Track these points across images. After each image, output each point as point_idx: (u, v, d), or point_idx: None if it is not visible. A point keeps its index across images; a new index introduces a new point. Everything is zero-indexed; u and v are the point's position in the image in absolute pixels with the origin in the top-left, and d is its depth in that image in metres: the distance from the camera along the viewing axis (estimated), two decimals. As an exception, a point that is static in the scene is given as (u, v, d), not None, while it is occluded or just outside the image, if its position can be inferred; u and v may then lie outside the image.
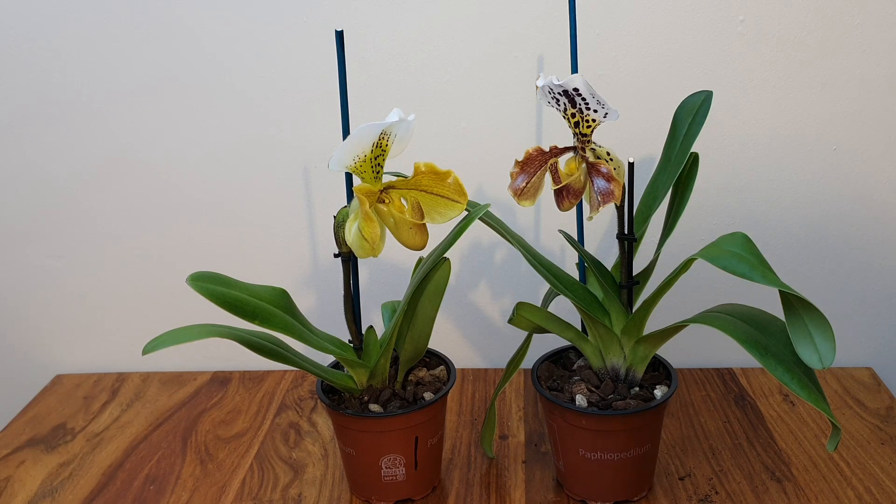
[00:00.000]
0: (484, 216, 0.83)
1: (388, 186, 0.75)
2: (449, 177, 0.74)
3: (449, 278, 0.82)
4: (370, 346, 0.85)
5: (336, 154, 0.70)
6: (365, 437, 0.83)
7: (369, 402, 0.84)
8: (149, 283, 1.15)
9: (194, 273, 0.77)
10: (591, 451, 0.82)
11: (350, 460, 0.86)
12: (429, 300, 0.83)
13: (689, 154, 0.82)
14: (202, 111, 1.07)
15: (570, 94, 0.74)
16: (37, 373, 1.19)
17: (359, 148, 0.71)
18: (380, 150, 0.72)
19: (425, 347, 0.86)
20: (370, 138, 0.70)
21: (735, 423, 0.98)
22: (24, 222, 1.13)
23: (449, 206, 0.76)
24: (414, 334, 0.85)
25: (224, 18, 1.03)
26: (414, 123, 0.73)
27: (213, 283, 0.77)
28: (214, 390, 1.12)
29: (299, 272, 1.13)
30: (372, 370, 0.85)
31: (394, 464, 0.83)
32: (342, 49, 0.78)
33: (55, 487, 0.92)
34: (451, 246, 0.79)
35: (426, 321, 0.84)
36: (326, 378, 0.84)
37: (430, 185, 0.75)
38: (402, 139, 0.73)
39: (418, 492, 0.86)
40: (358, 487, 0.87)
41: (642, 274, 0.86)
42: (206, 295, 0.75)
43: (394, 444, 0.83)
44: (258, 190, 1.10)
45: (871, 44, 1.00)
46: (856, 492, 0.85)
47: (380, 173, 0.74)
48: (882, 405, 1.01)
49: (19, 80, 1.07)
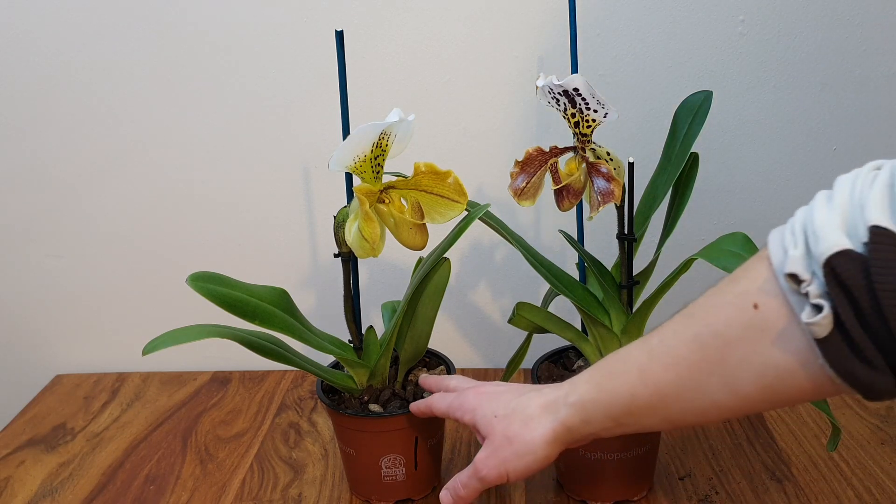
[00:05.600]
0: (484, 216, 0.83)
1: (389, 186, 0.75)
2: (449, 177, 0.74)
3: (449, 278, 0.82)
4: (370, 346, 0.85)
5: (336, 154, 0.70)
6: (365, 437, 0.83)
7: (369, 401, 0.84)
8: (149, 282, 1.15)
9: (194, 273, 0.77)
10: (591, 451, 0.81)
11: (350, 460, 0.86)
12: (429, 300, 0.83)
13: (689, 154, 0.82)
14: (203, 111, 1.07)
15: (570, 94, 0.74)
16: (37, 373, 1.18)
17: (359, 148, 0.71)
18: (380, 151, 0.72)
19: (425, 347, 0.86)
20: (370, 138, 0.70)
21: (735, 423, 0.98)
22: (24, 222, 1.13)
23: (449, 206, 0.76)
24: (414, 334, 0.85)
25: (224, 18, 1.03)
26: (414, 123, 0.73)
27: (213, 283, 0.77)
28: (214, 390, 1.12)
29: (300, 272, 1.13)
30: (372, 370, 0.85)
31: (394, 464, 0.83)
32: (342, 49, 0.78)
33: (55, 487, 0.92)
34: (450, 246, 0.79)
35: (426, 321, 0.84)
36: (326, 378, 0.84)
37: (431, 185, 0.75)
38: (402, 139, 0.73)
39: (418, 492, 0.86)
40: (358, 487, 0.87)
41: (642, 274, 0.86)
42: (206, 295, 0.76)
43: (394, 444, 0.83)
44: (259, 190, 1.10)
45: (871, 44, 1.00)
46: (856, 492, 0.85)
47: (380, 173, 0.74)
48: (882, 405, 1.01)
49: (19, 80, 1.07)
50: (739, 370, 0.54)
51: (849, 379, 0.49)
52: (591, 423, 0.64)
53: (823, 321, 0.47)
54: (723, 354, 0.54)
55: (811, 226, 0.49)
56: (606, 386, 0.63)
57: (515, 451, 0.67)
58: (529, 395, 0.69)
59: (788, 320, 0.51)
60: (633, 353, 0.62)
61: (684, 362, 0.57)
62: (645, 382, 0.60)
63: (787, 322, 0.51)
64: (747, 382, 0.54)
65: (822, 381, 0.50)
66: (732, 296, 0.54)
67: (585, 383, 0.65)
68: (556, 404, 0.66)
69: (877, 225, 0.46)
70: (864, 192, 0.48)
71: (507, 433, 0.67)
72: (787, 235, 0.51)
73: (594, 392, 0.64)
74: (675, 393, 0.58)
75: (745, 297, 0.53)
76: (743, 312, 0.53)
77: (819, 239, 0.48)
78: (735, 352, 0.54)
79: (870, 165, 0.51)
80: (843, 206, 0.49)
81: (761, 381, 0.53)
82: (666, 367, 0.58)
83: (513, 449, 0.67)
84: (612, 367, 0.63)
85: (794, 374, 0.51)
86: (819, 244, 0.48)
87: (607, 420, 0.63)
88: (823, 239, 0.48)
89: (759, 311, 0.52)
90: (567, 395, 0.65)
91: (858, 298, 0.46)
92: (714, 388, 0.56)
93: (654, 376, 0.59)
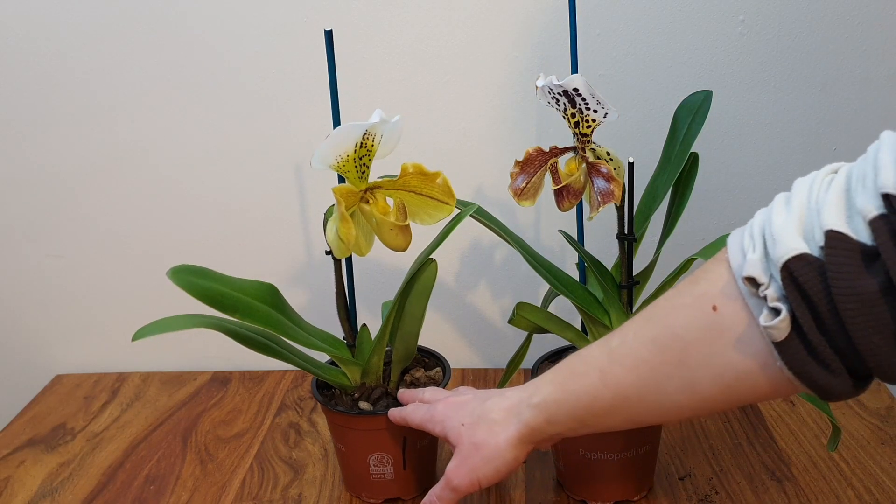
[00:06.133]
0: (484, 217, 0.83)
1: (375, 187, 0.75)
2: (438, 178, 0.74)
3: (435, 279, 0.82)
4: (363, 344, 0.86)
5: (317, 153, 0.70)
6: (354, 435, 0.83)
7: (360, 399, 0.84)
8: (149, 282, 1.15)
9: (176, 266, 0.76)
10: (591, 451, 0.82)
11: (342, 456, 0.87)
12: (416, 300, 0.82)
13: (689, 154, 0.83)
14: (203, 111, 1.07)
15: (570, 94, 0.74)
16: (37, 373, 1.18)
17: (340, 148, 0.71)
18: (364, 151, 0.72)
19: (415, 347, 0.87)
20: (352, 138, 0.70)
21: (735, 423, 0.98)
22: (24, 222, 1.13)
23: (437, 208, 0.76)
24: (403, 334, 0.85)
25: (221, 18, 1.03)
26: (400, 125, 0.72)
27: (195, 275, 0.77)
28: (214, 390, 1.12)
29: (301, 270, 1.13)
30: (364, 368, 0.85)
31: (381, 462, 0.84)
32: (332, 48, 0.78)
33: (55, 487, 0.92)
34: (437, 247, 0.79)
35: (414, 321, 0.84)
36: (319, 374, 0.85)
37: (419, 185, 0.75)
38: (389, 140, 0.73)
39: (408, 492, 0.86)
40: (350, 484, 0.88)
41: (642, 274, 0.86)
42: (185, 287, 0.75)
43: (382, 443, 0.83)
44: (259, 190, 1.10)
45: (871, 44, 1.00)
46: (856, 492, 0.85)
47: (365, 173, 0.74)
48: (882, 405, 1.01)
49: (19, 80, 1.07)
50: (699, 371, 0.54)
51: (806, 381, 0.49)
52: (555, 424, 0.65)
53: (781, 324, 0.48)
54: (682, 356, 0.55)
55: (769, 229, 0.49)
56: (569, 387, 0.63)
57: (483, 458, 0.67)
58: (493, 399, 0.69)
59: (747, 323, 0.51)
60: (594, 353, 0.62)
61: (644, 364, 0.57)
62: (606, 384, 0.60)
63: (746, 324, 0.51)
64: (707, 383, 0.54)
65: (781, 382, 0.51)
66: (692, 297, 0.54)
67: (549, 384, 0.65)
68: (519, 406, 0.67)
69: (833, 229, 0.46)
70: (821, 196, 0.48)
71: (473, 440, 0.68)
72: (746, 238, 0.51)
73: (557, 393, 0.64)
74: (636, 394, 0.58)
75: (704, 298, 0.53)
76: (702, 314, 0.53)
77: (777, 242, 0.48)
78: (694, 353, 0.54)
79: (826, 169, 0.51)
80: (801, 210, 0.49)
81: (720, 382, 0.53)
82: (626, 368, 0.58)
83: (480, 455, 0.67)
84: (574, 368, 0.64)
85: (753, 375, 0.52)
86: (777, 248, 0.48)
87: (571, 420, 0.64)
88: (781, 243, 0.48)
89: (717, 313, 0.52)
90: (531, 397, 0.66)
91: (815, 302, 0.46)
92: (674, 389, 0.56)
93: (614, 378, 0.59)
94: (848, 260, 0.45)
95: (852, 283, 0.44)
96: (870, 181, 0.46)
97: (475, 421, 0.69)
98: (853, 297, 0.45)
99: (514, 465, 0.68)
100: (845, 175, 0.49)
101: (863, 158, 0.48)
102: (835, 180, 0.49)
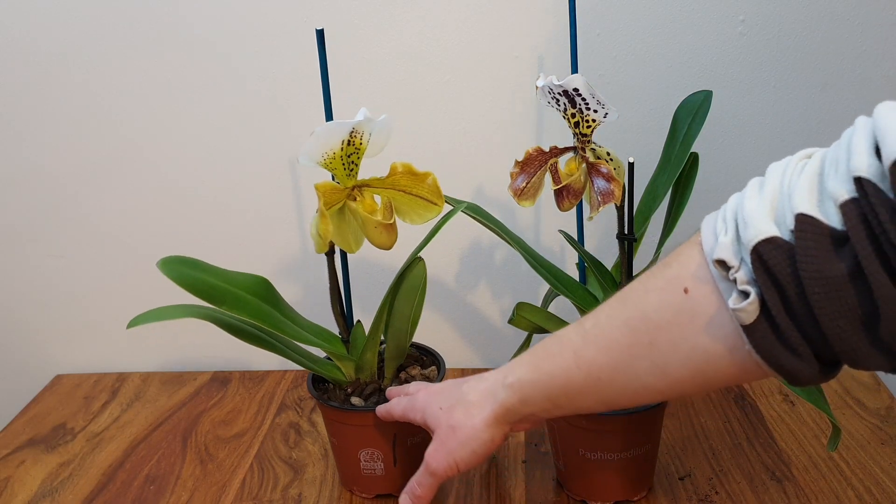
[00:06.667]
0: (479, 216, 0.83)
1: (363, 184, 0.75)
2: (428, 178, 0.75)
3: (425, 277, 0.82)
4: (357, 340, 0.86)
5: (304, 150, 0.71)
6: (346, 430, 0.84)
7: (353, 394, 0.85)
8: (149, 282, 1.15)
9: (166, 257, 0.76)
10: (591, 451, 0.82)
11: (335, 450, 0.88)
12: (405, 299, 0.83)
13: (689, 154, 0.83)
14: (202, 111, 1.07)
15: (570, 94, 0.74)
16: (37, 373, 1.18)
17: (326, 145, 0.71)
18: (353, 149, 0.72)
19: (407, 344, 0.87)
20: (337, 136, 0.71)
21: (735, 423, 0.98)
22: (24, 222, 1.13)
23: (426, 208, 0.76)
24: (394, 332, 0.85)
25: (219, 17, 1.03)
26: (389, 123, 0.73)
27: (185, 266, 0.77)
28: (214, 390, 1.12)
29: (300, 266, 1.13)
30: (358, 364, 0.85)
31: (372, 458, 0.84)
32: (323, 47, 0.79)
33: (55, 487, 0.92)
34: (425, 245, 0.80)
35: (403, 319, 0.84)
36: (313, 368, 0.86)
37: (409, 185, 0.75)
38: (379, 138, 0.74)
39: (398, 488, 0.86)
40: (343, 478, 0.89)
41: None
42: (174, 278, 0.75)
43: (372, 439, 0.83)
44: (258, 187, 1.10)
45: (871, 44, 1.00)
46: (856, 492, 0.85)
47: (354, 171, 0.74)
48: (882, 405, 1.01)
49: (19, 80, 1.07)
50: (669, 354, 0.54)
51: (774, 365, 0.49)
52: (529, 404, 0.65)
53: (749, 307, 0.48)
54: (653, 338, 0.55)
55: (741, 212, 0.49)
56: (543, 367, 0.63)
57: (459, 440, 0.68)
58: (470, 383, 0.70)
59: (717, 306, 0.51)
60: (569, 335, 0.62)
61: (616, 346, 0.57)
62: (579, 365, 0.60)
63: (717, 308, 0.51)
64: (677, 366, 0.54)
65: (750, 366, 0.51)
66: (664, 280, 0.54)
67: (524, 365, 0.65)
68: (494, 387, 0.67)
69: (803, 213, 0.46)
70: (793, 180, 0.48)
71: (450, 423, 0.68)
72: (719, 222, 0.52)
73: (531, 373, 0.64)
74: (608, 376, 0.59)
75: (676, 281, 0.53)
76: (673, 297, 0.53)
77: (748, 226, 0.48)
78: (665, 336, 0.54)
79: (801, 154, 0.52)
80: (773, 194, 0.49)
81: (691, 365, 0.54)
82: (599, 350, 0.59)
83: (457, 438, 0.68)
84: (549, 349, 0.64)
85: (722, 358, 0.52)
86: (747, 231, 0.48)
87: (544, 401, 0.64)
88: (752, 226, 0.48)
89: (689, 295, 0.52)
90: (505, 377, 0.66)
91: (784, 286, 0.46)
92: (645, 371, 0.56)
93: (587, 359, 0.59)
94: (817, 244, 0.45)
95: (820, 267, 0.44)
96: (843, 165, 0.46)
97: (453, 404, 0.69)
98: (821, 281, 0.44)
99: (490, 447, 0.68)
100: (819, 159, 0.49)
101: (837, 144, 0.48)
102: (808, 165, 0.49)
